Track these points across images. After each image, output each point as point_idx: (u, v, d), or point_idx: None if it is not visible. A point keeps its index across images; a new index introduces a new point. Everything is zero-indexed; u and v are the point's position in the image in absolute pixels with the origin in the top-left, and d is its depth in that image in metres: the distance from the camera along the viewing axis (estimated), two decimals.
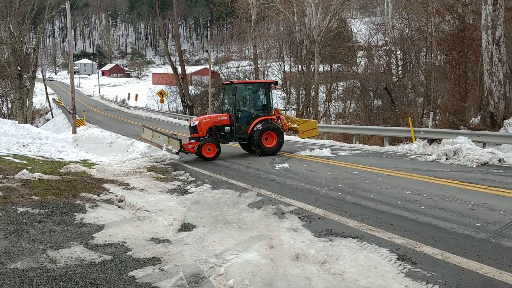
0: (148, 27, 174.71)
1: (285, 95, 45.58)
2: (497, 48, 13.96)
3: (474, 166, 10.00)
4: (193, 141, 12.59)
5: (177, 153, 11.83)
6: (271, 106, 13.35)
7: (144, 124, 14.09)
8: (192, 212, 6.18)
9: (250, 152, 13.41)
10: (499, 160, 10.48)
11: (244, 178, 8.90)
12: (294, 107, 41.05)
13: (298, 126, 14.22)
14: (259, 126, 12.66)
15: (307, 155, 12.60)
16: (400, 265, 3.95)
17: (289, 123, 14.61)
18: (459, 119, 15.78)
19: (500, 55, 13.98)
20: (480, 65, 15.53)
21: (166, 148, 11.82)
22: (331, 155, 12.56)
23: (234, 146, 14.98)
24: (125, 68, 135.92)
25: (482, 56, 14.89)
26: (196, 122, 12.88)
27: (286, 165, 10.47)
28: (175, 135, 12.55)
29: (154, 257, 4.34)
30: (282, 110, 14.78)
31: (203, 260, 4.20)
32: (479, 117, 15.09)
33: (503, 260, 3.95)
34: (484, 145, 12.56)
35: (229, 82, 14.03)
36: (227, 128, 12.94)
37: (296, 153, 12.98)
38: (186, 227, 5.48)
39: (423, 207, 5.98)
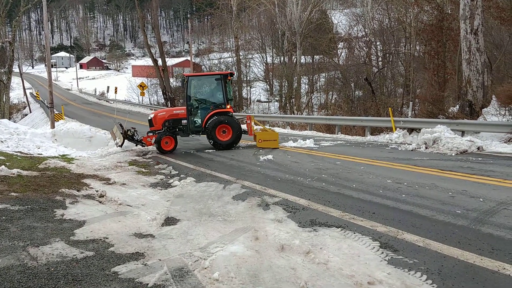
0: (127, 19, 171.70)
1: (268, 87, 45.59)
2: (475, 37, 14.18)
3: (453, 154, 10.19)
4: (151, 134, 12.87)
5: (120, 146, 12.58)
6: (229, 98, 13.00)
7: (115, 120, 14.47)
8: (175, 206, 6.13)
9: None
10: (478, 148, 10.70)
11: (228, 170, 8.88)
12: (277, 98, 41.10)
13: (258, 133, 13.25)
14: (213, 119, 12.48)
15: (291, 146, 12.65)
16: (382, 252, 4.00)
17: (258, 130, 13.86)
18: (438, 108, 16.02)
19: (478, 45, 14.21)
20: (459, 54, 15.76)
21: (116, 141, 12.70)
22: (314, 146, 12.63)
23: None
24: (103, 61, 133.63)
25: (460, 46, 15.11)
26: (152, 116, 13.09)
27: (270, 156, 10.48)
28: (132, 129, 13.08)
29: (137, 252, 4.29)
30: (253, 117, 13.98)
31: (187, 253, 4.18)
32: (457, 106, 15.34)
33: (484, 246, 4.04)
34: (463, 133, 12.79)
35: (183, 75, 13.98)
36: (185, 121, 12.86)
37: (279, 144, 13.00)
38: (169, 221, 5.43)
39: (404, 195, 6.06)
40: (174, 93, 41.49)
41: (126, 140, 12.69)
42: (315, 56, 41.61)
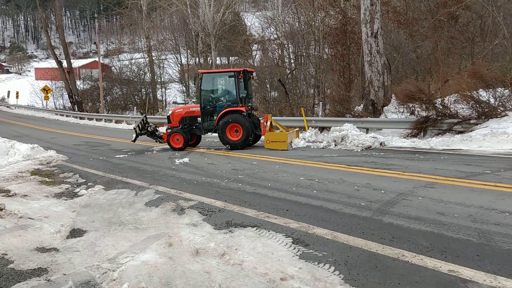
0: (28, 19, 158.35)
1: (184, 88, 44.97)
2: (375, 40, 15.26)
3: (359, 150, 10.88)
4: (170, 130, 12.99)
5: (133, 141, 13.48)
6: (243, 96, 12.65)
7: (145, 115, 14.55)
8: (82, 217, 5.77)
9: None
10: (380, 144, 11.54)
11: (141, 175, 8.57)
12: (193, 100, 40.68)
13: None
14: (224, 118, 12.28)
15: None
16: (294, 248, 4.12)
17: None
18: (345, 107, 16.99)
19: (378, 47, 15.30)
20: (361, 56, 16.85)
21: (133, 137, 13.40)
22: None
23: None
24: (3, 64, 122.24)
25: (362, 48, 16.16)
26: (169, 112, 13.38)
27: (186, 159, 10.34)
28: (153, 125, 14.13)
29: (40, 267, 3.97)
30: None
31: (95, 266, 3.94)
32: (362, 105, 16.39)
33: (385, 235, 4.33)
34: (367, 130, 13.71)
35: (196, 72, 13.78)
36: (200, 119, 12.84)
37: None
38: (75, 233, 5.10)
39: (315, 191, 6.32)
40: (81, 96, 39.28)
41: (145, 136, 13.57)
42: (230, 57, 41.93)
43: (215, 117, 12.71)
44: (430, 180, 6.72)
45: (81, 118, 34.17)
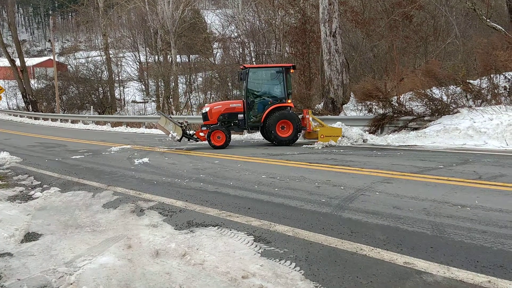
0: None
1: (143, 87, 44.12)
2: (334, 39, 15.55)
3: (320, 147, 11.07)
4: (205, 128, 12.32)
5: (179, 140, 12.29)
6: (289, 92, 12.53)
7: (160, 112, 13.21)
8: (37, 220, 5.54)
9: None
10: (364, 141, 11.89)
11: (98, 177, 8.32)
12: (153, 99, 40.00)
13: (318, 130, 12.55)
14: (273, 114, 11.99)
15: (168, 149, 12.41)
16: (256, 246, 4.13)
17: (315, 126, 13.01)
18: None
19: (336, 46, 15.61)
20: (321, 55, 17.14)
21: (171, 134, 12.25)
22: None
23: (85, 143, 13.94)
24: None
25: (322, 47, 16.43)
26: (207, 109, 12.61)
27: (146, 159, 10.15)
28: (185, 122, 12.97)
29: None
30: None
31: (51, 270, 3.80)
32: (322, 103, 16.68)
33: (344, 230, 4.42)
34: None
35: (242, 67, 13.05)
36: (241, 116, 12.42)
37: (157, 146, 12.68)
38: (30, 236, 4.90)
39: (276, 189, 6.37)
40: (36, 95, 37.80)
41: (166, 134, 12.47)
42: (191, 55, 41.52)
43: (258, 114, 12.45)
44: (387, 176, 6.94)
45: (35, 119, 32.97)
